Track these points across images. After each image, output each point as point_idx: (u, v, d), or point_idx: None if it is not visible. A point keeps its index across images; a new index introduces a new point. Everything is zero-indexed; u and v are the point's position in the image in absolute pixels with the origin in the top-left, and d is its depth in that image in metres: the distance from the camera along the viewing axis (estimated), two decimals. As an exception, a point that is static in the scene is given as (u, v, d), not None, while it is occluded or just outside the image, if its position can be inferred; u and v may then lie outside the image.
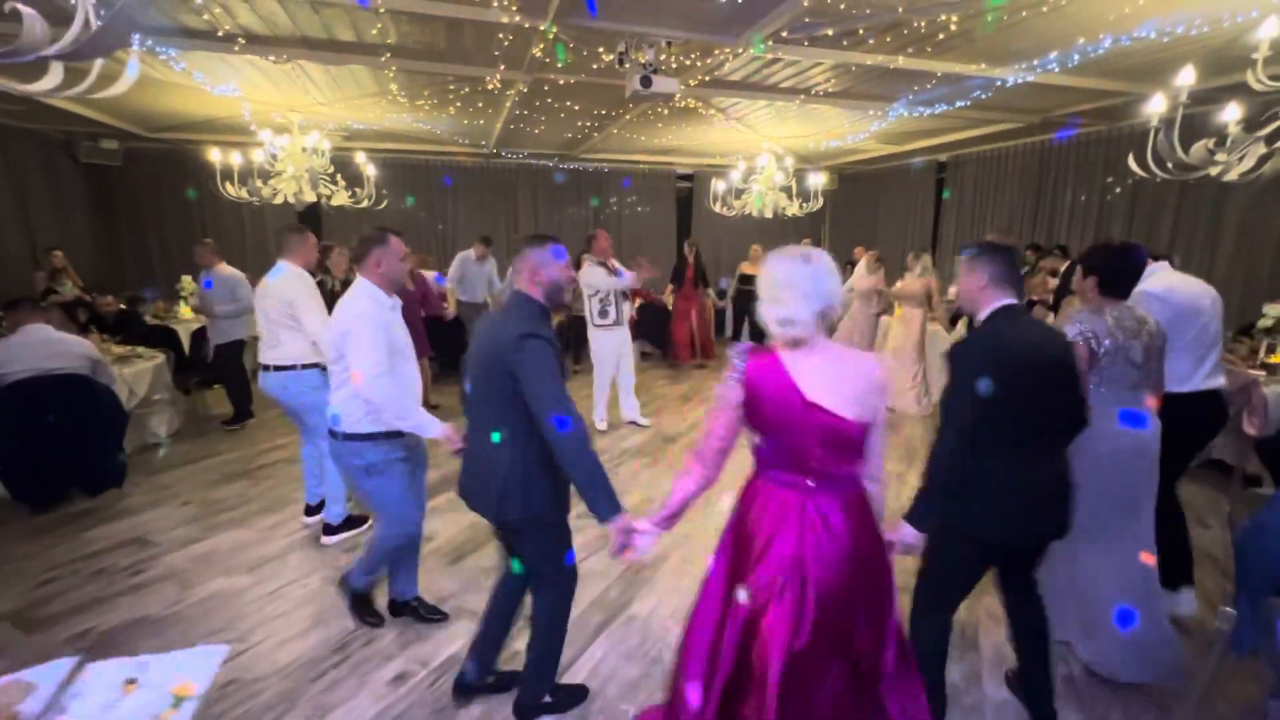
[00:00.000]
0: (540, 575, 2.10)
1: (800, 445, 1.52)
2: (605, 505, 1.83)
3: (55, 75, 1.63)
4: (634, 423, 5.43)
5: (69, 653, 2.46)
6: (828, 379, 1.51)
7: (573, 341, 7.15)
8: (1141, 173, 3.26)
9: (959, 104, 5.39)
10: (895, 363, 5.85)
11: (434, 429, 2.32)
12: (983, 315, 1.93)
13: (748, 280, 8.00)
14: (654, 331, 8.03)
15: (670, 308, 7.96)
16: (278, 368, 3.28)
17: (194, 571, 3.11)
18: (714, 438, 1.65)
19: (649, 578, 3.09)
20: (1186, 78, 2.68)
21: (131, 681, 1.47)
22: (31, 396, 3.66)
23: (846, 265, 9.59)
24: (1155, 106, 2.95)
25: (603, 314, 5.12)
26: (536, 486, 1.94)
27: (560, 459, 1.85)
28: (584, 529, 3.54)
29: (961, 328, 5.54)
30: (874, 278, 6.46)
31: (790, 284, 1.49)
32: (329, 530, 3.42)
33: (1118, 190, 6.23)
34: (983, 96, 5.11)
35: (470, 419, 2.05)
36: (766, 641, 1.47)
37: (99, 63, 1.68)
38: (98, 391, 3.92)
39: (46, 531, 3.50)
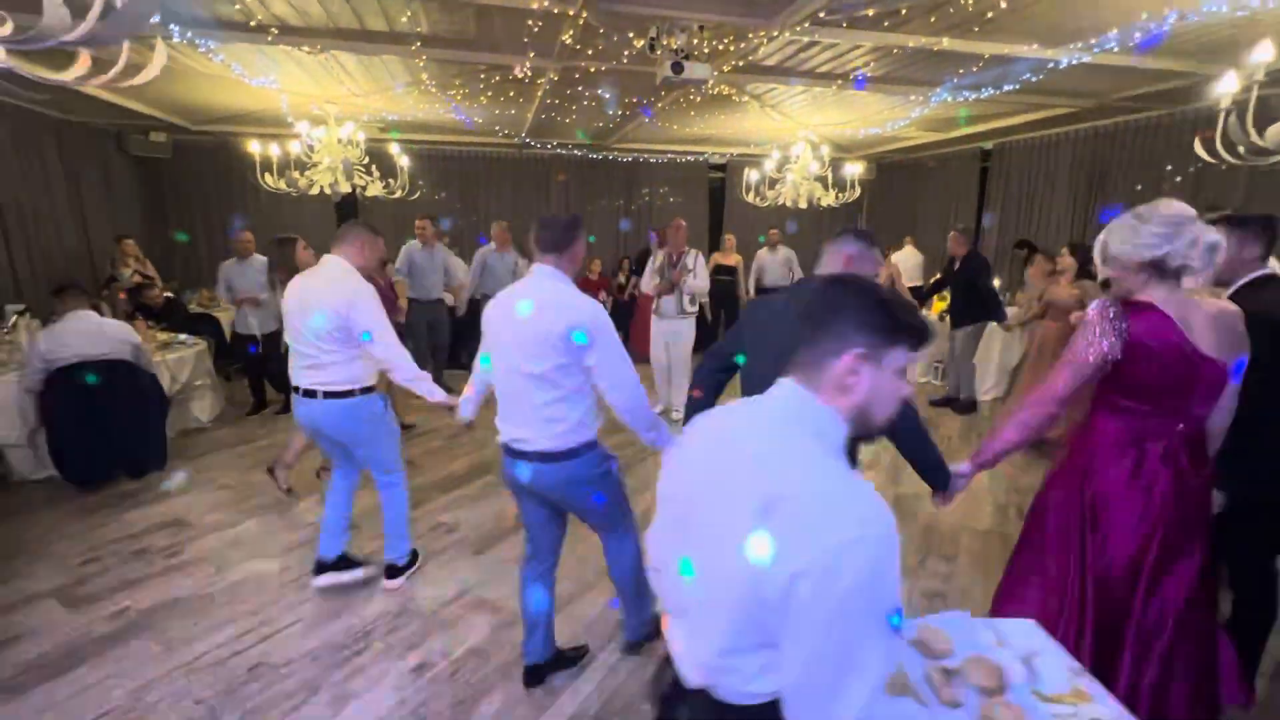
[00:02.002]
0: None
1: (1186, 395, 1.62)
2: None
3: (85, 63, 1.63)
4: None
5: (108, 631, 2.56)
6: (1201, 326, 1.59)
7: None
8: (1209, 158, 3.04)
9: (1007, 88, 5.13)
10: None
11: (439, 394, 2.58)
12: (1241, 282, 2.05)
13: (724, 271, 7.52)
14: (618, 327, 7.75)
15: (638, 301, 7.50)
16: (328, 394, 2.62)
17: (228, 554, 3.19)
18: (1059, 389, 1.71)
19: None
20: (1264, 54, 2.47)
21: None
22: (79, 380, 3.80)
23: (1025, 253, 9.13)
24: (1227, 87, 2.74)
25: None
26: None
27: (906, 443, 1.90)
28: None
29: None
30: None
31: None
32: (397, 572, 2.92)
33: (1178, 179, 5.87)
34: (1033, 80, 4.84)
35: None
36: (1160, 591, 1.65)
37: (125, 51, 1.68)
38: (140, 376, 4.05)
39: (92, 511, 3.63)
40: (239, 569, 3.05)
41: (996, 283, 6.75)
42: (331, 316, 2.50)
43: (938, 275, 6.61)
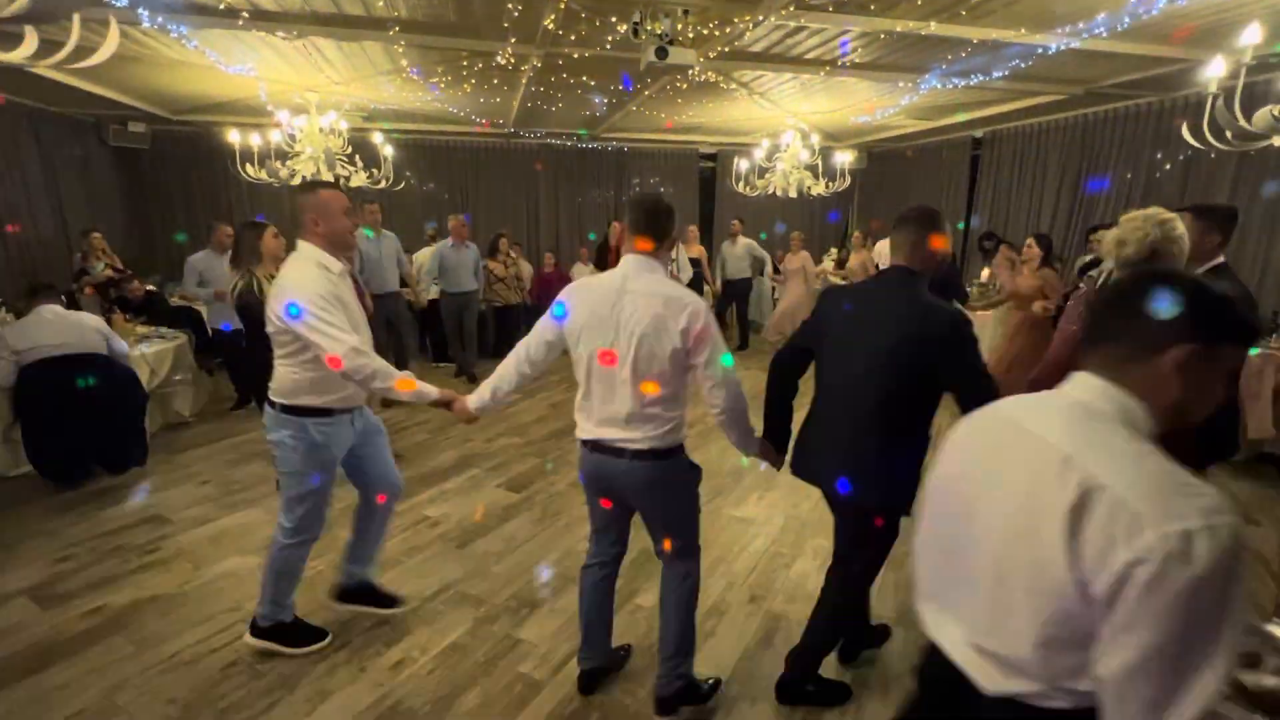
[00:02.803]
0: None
1: None
2: None
3: (31, 42, 1.56)
4: None
5: (81, 630, 2.51)
6: None
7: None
8: (1197, 144, 3.02)
9: (996, 74, 5.08)
10: None
11: (423, 388, 2.13)
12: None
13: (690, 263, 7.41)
14: None
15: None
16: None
17: (206, 551, 3.14)
18: (1054, 356, 2.02)
19: (656, 568, 3.00)
20: (1251, 37, 2.44)
21: None
22: (52, 375, 3.72)
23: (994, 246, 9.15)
24: (1215, 71, 2.71)
25: None
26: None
27: None
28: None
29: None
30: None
31: None
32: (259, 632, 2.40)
33: (1167, 167, 5.86)
34: (1022, 66, 4.80)
35: (854, 398, 1.90)
36: None
37: (76, 30, 1.61)
38: (115, 370, 3.97)
39: (69, 508, 3.57)
40: (217, 566, 3.00)
41: (985, 273, 6.78)
42: (271, 315, 2.09)
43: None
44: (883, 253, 7.85)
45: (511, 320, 6.98)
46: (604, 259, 6.90)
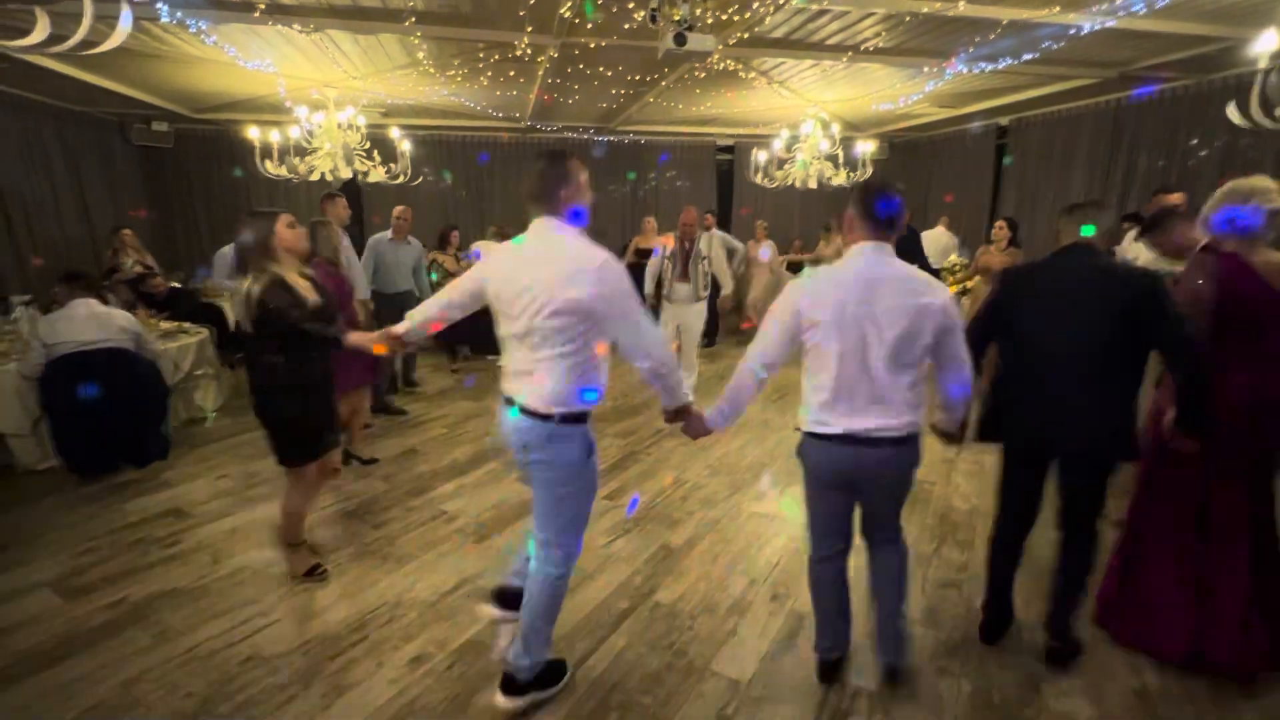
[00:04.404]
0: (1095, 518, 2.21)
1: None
2: None
3: (43, 28, 1.54)
4: None
5: (101, 622, 2.52)
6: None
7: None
8: (1244, 123, 2.87)
9: (1025, 58, 4.92)
10: None
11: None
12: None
13: (644, 254, 7.03)
14: None
15: None
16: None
17: (226, 544, 3.14)
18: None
19: (675, 565, 2.95)
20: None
21: None
22: (78, 369, 3.76)
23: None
24: (1265, 45, 2.57)
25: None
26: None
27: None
28: (609, 512, 3.44)
29: None
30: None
31: None
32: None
33: (1203, 153, 5.63)
34: (1053, 48, 4.63)
35: (1082, 364, 2.04)
36: None
37: (89, 16, 1.59)
38: (139, 364, 4.01)
39: (92, 501, 3.61)
40: (236, 560, 3.00)
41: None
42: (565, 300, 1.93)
43: None
44: (934, 239, 7.70)
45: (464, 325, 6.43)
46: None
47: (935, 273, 5.96)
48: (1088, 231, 2.08)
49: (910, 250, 5.63)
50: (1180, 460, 2.16)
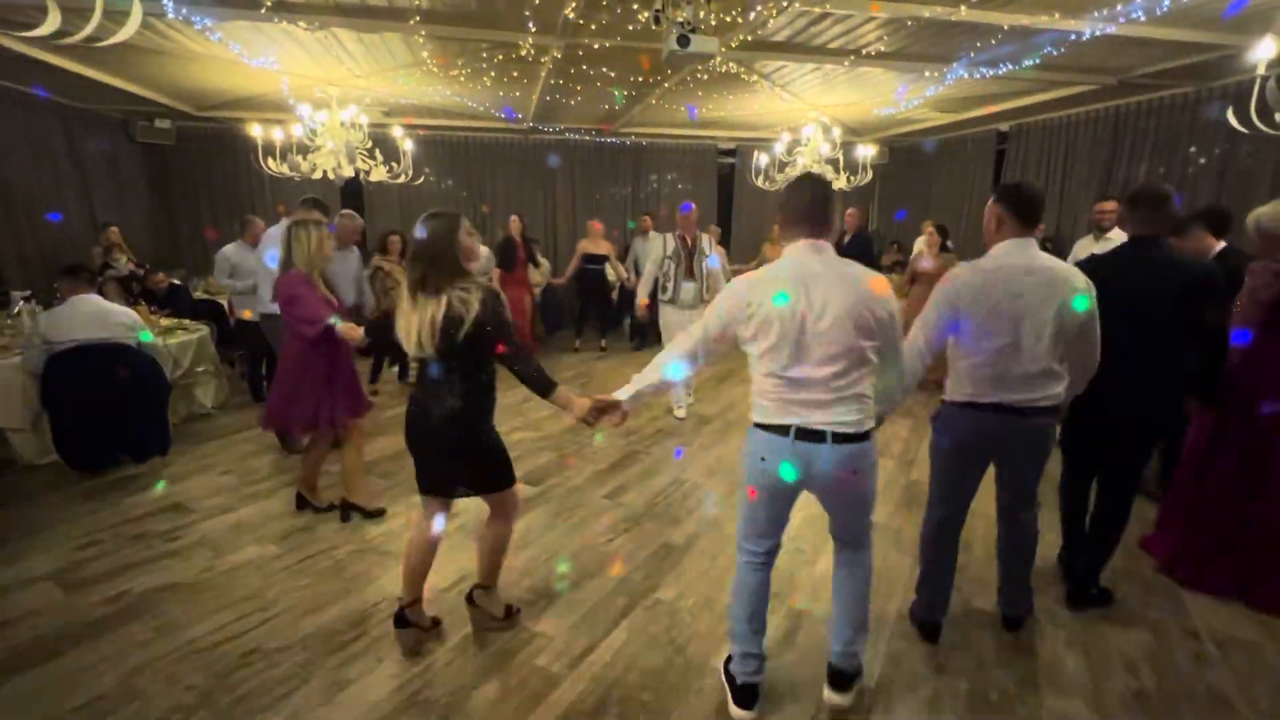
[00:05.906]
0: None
1: None
2: None
3: (54, 18, 1.55)
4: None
5: (102, 615, 2.52)
6: None
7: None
8: (1243, 129, 2.90)
9: (1026, 63, 4.95)
10: None
11: None
12: None
13: (593, 260, 7.21)
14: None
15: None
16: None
17: (227, 539, 3.14)
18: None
19: (676, 562, 2.96)
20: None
21: None
22: (80, 364, 3.76)
23: (893, 244, 9.16)
24: (1265, 52, 2.60)
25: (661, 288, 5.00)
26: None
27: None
28: (611, 510, 3.45)
29: None
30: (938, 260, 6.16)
31: None
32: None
33: (1202, 161, 5.66)
34: (1053, 54, 4.66)
35: (1147, 348, 2.30)
36: None
37: (99, 10, 1.60)
38: (141, 360, 4.01)
39: (93, 496, 3.61)
40: (237, 554, 3.01)
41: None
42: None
43: None
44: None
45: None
46: (512, 258, 6.62)
47: (878, 268, 6.01)
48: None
49: (861, 252, 5.65)
50: (1240, 424, 2.54)
